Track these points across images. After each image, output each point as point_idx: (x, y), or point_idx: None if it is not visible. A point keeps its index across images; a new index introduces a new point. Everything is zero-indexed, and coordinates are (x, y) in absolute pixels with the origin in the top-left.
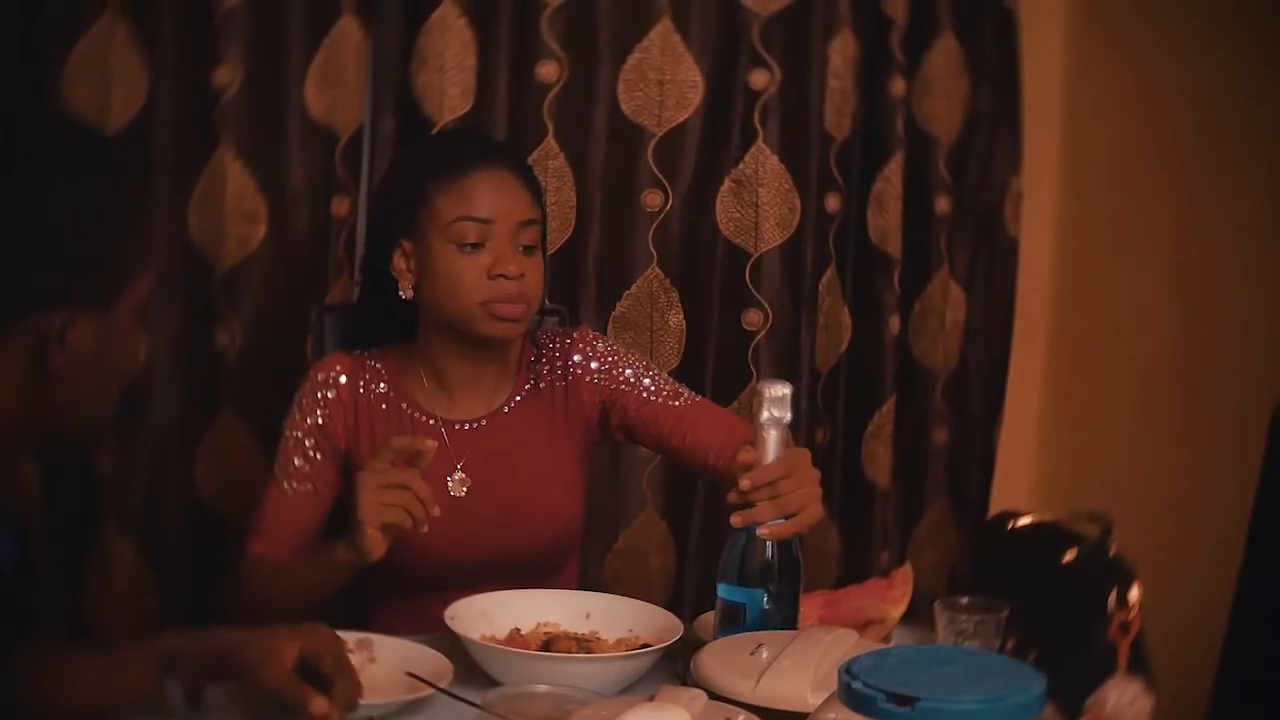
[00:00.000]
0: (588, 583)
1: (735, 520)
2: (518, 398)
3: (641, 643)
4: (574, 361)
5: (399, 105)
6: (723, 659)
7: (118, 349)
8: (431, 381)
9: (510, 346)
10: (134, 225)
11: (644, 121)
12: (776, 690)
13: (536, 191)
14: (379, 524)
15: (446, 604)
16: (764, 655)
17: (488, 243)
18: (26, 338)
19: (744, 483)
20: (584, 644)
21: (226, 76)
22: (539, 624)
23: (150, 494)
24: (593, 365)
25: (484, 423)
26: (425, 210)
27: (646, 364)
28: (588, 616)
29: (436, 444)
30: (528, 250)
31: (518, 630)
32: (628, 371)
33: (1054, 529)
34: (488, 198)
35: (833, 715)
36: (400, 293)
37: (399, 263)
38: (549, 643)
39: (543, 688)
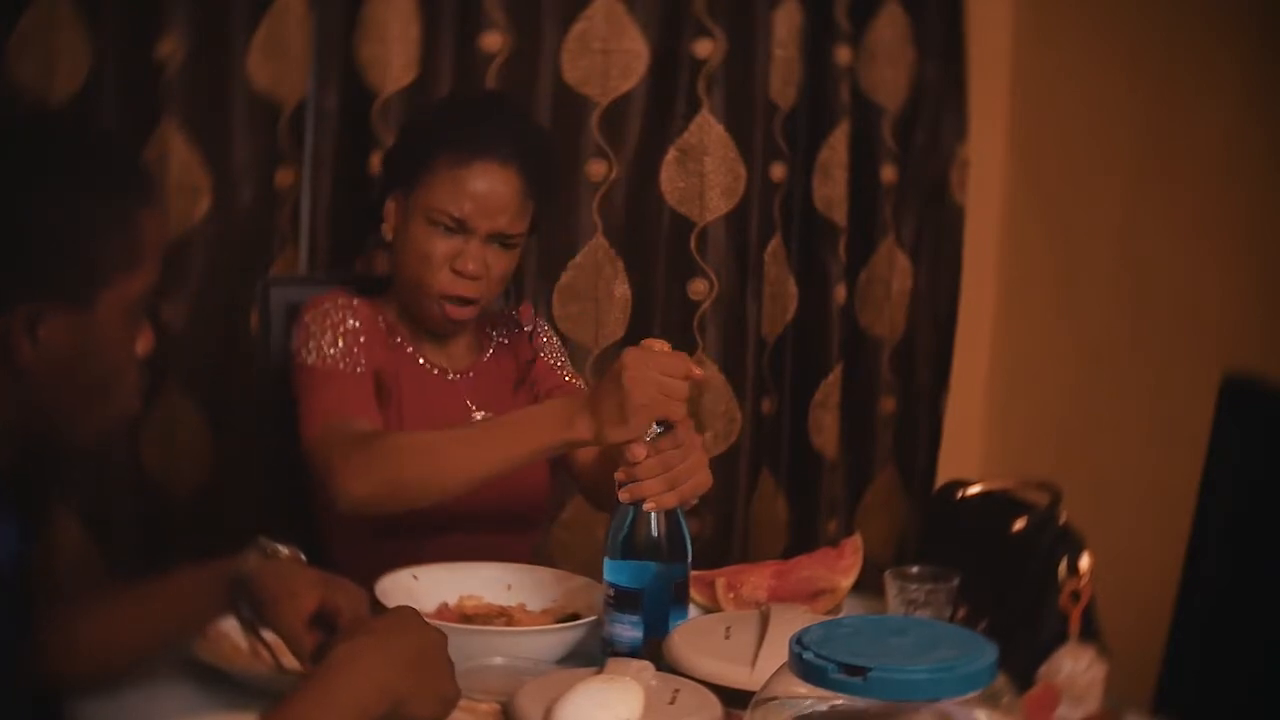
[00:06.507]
0: (535, 552)
1: (623, 495)
2: (490, 351)
3: (570, 612)
4: (525, 331)
5: (342, 76)
6: (703, 648)
7: (104, 349)
8: (415, 329)
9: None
10: (116, 223)
11: (588, 91)
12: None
13: (537, 189)
14: (647, 411)
15: (416, 547)
16: (743, 637)
17: (461, 233)
18: None
19: (633, 453)
20: (512, 617)
21: (170, 49)
22: (461, 597)
23: (95, 469)
24: (541, 340)
25: (472, 375)
26: (423, 173)
27: (561, 347)
28: (509, 588)
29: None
30: (504, 245)
31: (446, 604)
32: (555, 352)
33: (1003, 498)
34: (480, 194)
35: (782, 688)
36: (383, 234)
37: (389, 206)
38: (480, 619)
39: (498, 660)
